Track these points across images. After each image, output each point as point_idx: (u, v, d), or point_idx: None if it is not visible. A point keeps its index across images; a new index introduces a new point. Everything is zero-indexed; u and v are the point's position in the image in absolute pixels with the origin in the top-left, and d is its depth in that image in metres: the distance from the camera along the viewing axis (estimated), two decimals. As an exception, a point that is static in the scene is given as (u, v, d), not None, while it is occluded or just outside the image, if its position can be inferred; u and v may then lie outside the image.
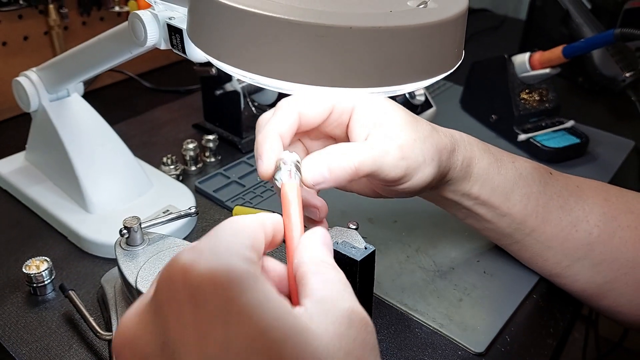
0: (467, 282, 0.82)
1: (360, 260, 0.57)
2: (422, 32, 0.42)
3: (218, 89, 1.13)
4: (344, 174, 0.56)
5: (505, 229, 0.75)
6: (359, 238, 0.61)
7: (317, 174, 0.55)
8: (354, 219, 0.90)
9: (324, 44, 0.40)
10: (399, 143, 0.60)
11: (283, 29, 0.41)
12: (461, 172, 0.69)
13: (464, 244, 0.89)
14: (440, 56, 0.45)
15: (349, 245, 0.59)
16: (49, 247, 0.87)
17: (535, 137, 1.14)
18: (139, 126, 1.22)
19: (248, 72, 0.43)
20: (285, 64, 0.42)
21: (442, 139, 0.65)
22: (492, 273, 0.83)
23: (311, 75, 0.42)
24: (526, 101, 1.17)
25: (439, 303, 0.78)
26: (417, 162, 0.61)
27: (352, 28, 0.40)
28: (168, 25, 0.65)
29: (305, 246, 0.42)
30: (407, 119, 0.62)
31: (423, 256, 0.86)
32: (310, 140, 0.66)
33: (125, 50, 0.73)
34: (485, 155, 0.71)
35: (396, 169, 0.60)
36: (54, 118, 0.90)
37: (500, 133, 1.21)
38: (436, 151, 0.63)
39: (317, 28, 0.40)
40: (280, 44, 0.41)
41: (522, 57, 1.15)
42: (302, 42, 0.41)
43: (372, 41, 0.41)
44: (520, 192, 0.73)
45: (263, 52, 0.42)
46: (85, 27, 1.33)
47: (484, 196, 0.71)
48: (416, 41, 0.42)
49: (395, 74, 0.43)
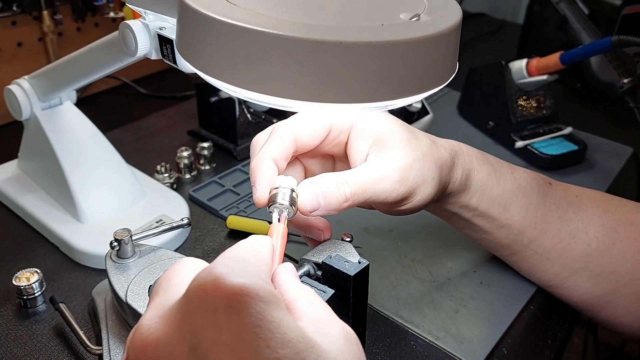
0: (464, 293, 0.81)
1: (353, 275, 0.57)
2: (415, 46, 0.41)
3: (213, 96, 1.13)
4: (339, 203, 0.57)
5: (503, 239, 0.74)
6: (353, 251, 0.61)
7: (314, 203, 0.56)
8: (349, 229, 0.90)
9: (314, 59, 0.40)
10: (398, 165, 0.60)
11: (271, 44, 0.40)
12: (460, 184, 0.68)
13: (461, 254, 0.88)
14: (433, 70, 0.44)
15: (342, 259, 0.59)
16: (40, 257, 0.86)
17: (533, 144, 1.13)
18: (134, 133, 1.22)
19: (237, 88, 0.42)
20: (274, 80, 0.41)
21: (442, 153, 0.65)
22: (489, 284, 0.83)
23: (301, 91, 0.41)
24: (523, 108, 1.16)
25: (435, 315, 0.77)
26: (416, 184, 0.61)
27: (342, 43, 0.39)
28: (159, 36, 0.64)
29: (283, 276, 0.44)
30: (405, 137, 0.62)
31: (419, 266, 0.85)
32: (309, 159, 0.65)
33: (116, 60, 0.73)
34: (484, 166, 0.71)
35: (394, 192, 0.59)
36: (46, 126, 0.89)
37: (497, 140, 1.20)
38: (436, 168, 0.63)
39: (306, 43, 0.39)
40: (269, 59, 0.40)
41: (520, 64, 1.15)
42: (291, 57, 0.40)
43: (363, 56, 0.40)
44: (519, 203, 0.72)
45: (251, 68, 0.41)
46: (79, 33, 1.32)
47: (483, 207, 0.71)
48: (409, 55, 0.41)
49: (388, 89, 0.42)
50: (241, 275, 0.35)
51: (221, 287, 0.34)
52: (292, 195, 0.55)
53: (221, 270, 0.35)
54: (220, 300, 0.34)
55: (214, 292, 0.34)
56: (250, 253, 0.40)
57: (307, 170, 0.67)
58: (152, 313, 0.36)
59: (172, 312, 0.36)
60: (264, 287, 0.36)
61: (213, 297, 0.34)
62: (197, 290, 0.35)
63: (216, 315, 0.33)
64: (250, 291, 0.34)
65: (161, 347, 0.34)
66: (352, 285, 0.57)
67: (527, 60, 1.14)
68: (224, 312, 0.33)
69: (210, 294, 0.34)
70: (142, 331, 0.36)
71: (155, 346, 0.35)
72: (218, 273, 0.35)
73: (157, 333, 0.35)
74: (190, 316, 0.34)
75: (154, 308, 0.37)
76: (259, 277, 0.36)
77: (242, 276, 0.35)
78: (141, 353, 0.35)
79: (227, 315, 0.33)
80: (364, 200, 0.58)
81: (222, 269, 0.35)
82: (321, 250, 0.61)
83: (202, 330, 0.33)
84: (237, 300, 0.34)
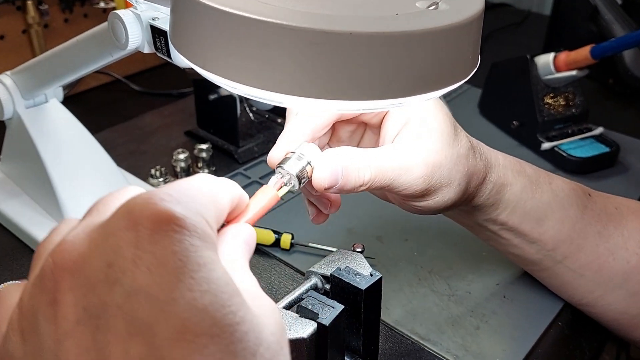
0: (486, 308, 0.80)
1: (365, 289, 0.56)
2: (432, 37, 0.41)
3: (212, 93, 1.12)
4: (356, 185, 0.57)
5: (533, 255, 0.74)
6: (365, 263, 0.60)
7: (332, 180, 0.55)
8: (360, 238, 0.90)
9: (321, 51, 0.39)
10: (427, 159, 0.59)
11: (273, 35, 0.39)
12: (488, 199, 0.67)
13: (482, 265, 0.87)
14: (453, 64, 0.43)
15: (352, 271, 0.58)
16: (24, 268, 0.85)
17: (561, 146, 1.13)
18: (126, 133, 1.22)
19: (236, 83, 0.42)
20: (276, 74, 0.40)
21: (477, 164, 0.64)
22: (512, 298, 0.82)
23: (306, 87, 0.40)
24: (551, 106, 1.16)
25: (454, 332, 0.76)
26: (440, 185, 0.60)
27: (352, 34, 0.38)
28: (151, 27, 0.64)
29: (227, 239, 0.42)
30: (445, 130, 0.61)
31: (437, 279, 0.85)
32: (342, 123, 0.64)
33: (105, 54, 0.72)
34: (520, 178, 0.70)
35: (413, 187, 0.59)
36: (30, 126, 0.89)
37: (522, 141, 1.19)
38: (465, 176, 0.62)
39: (312, 34, 0.39)
40: (271, 51, 0.40)
41: (546, 58, 1.14)
42: (296, 49, 0.39)
43: (375, 48, 0.39)
44: (555, 217, 0.71)
45: (252, 61, 0.41)
46: (67, 25, 1.32)
47: (513, 222, 0.70)
48: (426, 48, 0.41)
49: (402, 84, 0.41)
50: (182, 207, 0.34)
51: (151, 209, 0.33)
52: (305, 168, 0.55)
53: (161, 196, 0.34)
54: (148, 221, 0.33)
55: (142, 212, 0.33)
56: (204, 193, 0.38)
57: (334, 134, 0.66)
58: (79, 230, 0.35)
59: (98, 229, 0.35)
60: (204, 227, 0.34)
61: (141, 217, 0.33)
62: (126, 209, 0.34)
63: (141, 235, 0.32)
64: (187, 223, 0.33)
65: (80, 261, 0.34)
66: (363, 300, 0.57)
67: (555, 54, 1.14)
68: (150, 234, 0.32)
69: (138, 214, 0.33)
70: (65, 247, 0.35)
71: (75, 261, 0.34)
72: (154, 197, 0.34)
73: (80, 249, 0.34)
74: (114, 234, 0.33)
75: (82, 226, 0.36)
76: (201, 217, 0.35)
77: (183, 208, 0.34)
78: (60, 270, 0.34)
79: (154, 238, 0.32)
80: (380, 187, 0.58)
81: (161, 195, 0.34)
82: (330, 261, 0.61)
83: (122, 248, 0.33)
84: (169, 228, 0.32)
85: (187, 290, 0.31)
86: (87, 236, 0.35)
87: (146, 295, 0.31)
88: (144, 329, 0.31)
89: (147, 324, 0.31)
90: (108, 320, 0.32)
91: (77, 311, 0.33)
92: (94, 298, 0.32)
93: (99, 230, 0.34)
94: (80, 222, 0.37)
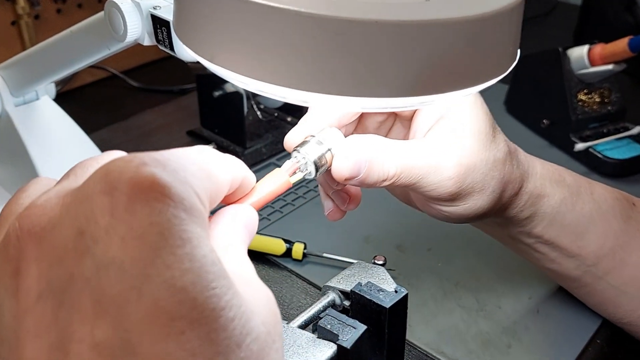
0: (518, 324, 0.80)
1: (389, 307, 0.56)
2: (468, 26, 0.39)
3: (217, 90, 1.12)
4: (378, 180, 0.55)
5: (572, 270, 0.73)
6: (388, 277, 0.60)
7: (354, 171, 0.54)
8: (379, 247, 0.90)
9: (343, 42, 0.37)
10: (460, 159, 0.57)
11: (290, 24, 0.37)
12: (523, 211, 0.66)
13: (513, 276, 0.86)
14: (491, 56, 0.42)
15: (375, 287, 0.58)
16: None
17: (596, 147, 1.12)
18: (124, 133, 1.22)
19: (248, 78, 0.40)
20: (293, 68, 0.39)
21: (513, 171, 0.63)
22: (547, 313, 0.81)
23: (326, 83, 0.39)
24: (585, 103, 1.15)
25: (484, 350, 0.76)
26: (471, 189, 0.59)
27: (378, 22, 0.37)
28: (152, 16, 0.63)
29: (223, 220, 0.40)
30: (483, 129, 0.59)
31: (463, 292, 0.84)
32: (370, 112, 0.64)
33: (102, 46, 0.72)
34: (559, 189, 0.68)
35: (441, 189, 0.58)
36: (20, 126, 0.89)
37: (553, 141, 1.19)
38: (500, 183, 0.61)
39: (333, 22, 0.37)
40: (286, 42, 0.38)
41: (580, 51, 1.13)
42: (315, 40, 0.37)
43: (404, 39, 0.38)
44: (597, 230, 0.70)
45: (265, 54, 0.39)
46: (60, 16, 1.32)
47: (550, 236, 0.69)
48: (461, 38, 0.39)
49: (434, 80, 0.40)
50: (168, 174, 0.32)
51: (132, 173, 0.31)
52: (325, 155, 0.53)
53: (145, 160, 0.32)
54: (127, 185, 0.31)
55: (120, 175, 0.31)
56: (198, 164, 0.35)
57: (361, 123, 0.65)
58: (51, 194, 0.34)
59: (72, 192, 0.33)
60: (193, 199, 0.32)
61: (119, 180, 0.31)
62: (104, 171, 0.32)
63: (117, 201, 0.30)
64: (172, 192, 0.31)
65: (49, 228, 0.32)
66: (388, 320, 0.56)
67: (589, 46, 1.13)
68: (128, 200, 0.30)
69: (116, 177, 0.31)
70: (34, 210, 0.33)
71: (44, 227, 0.32)
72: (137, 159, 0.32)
73: (50, 213, 0.32)
74: (89, 198, 0.31)
75: (55, 190, 0.34)
76: (191, 188, 0.33)
77: (169, 175, 0.31)
78: (27, 236, 0.32)
79: (132, 205, 0.30)
80: (405, 185, 0.57)
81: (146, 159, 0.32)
82: (348, 275, 0.60)
83: (96, 215, 0.31)
84: (150, 195, 0.30)
85: (165, 267, 0.29)
86: (59, 200, 0.33)
87: (118, 270, 0.29)
88: (112, 308, 0.29)
89: (116, 303, 0.29)
90: (73, 296, 0.30)
91: (40, 284, 0.31)
92: (60, 270, 0.31)
93: (72, 194, 0.32)
94: (55, 186, 0.35)
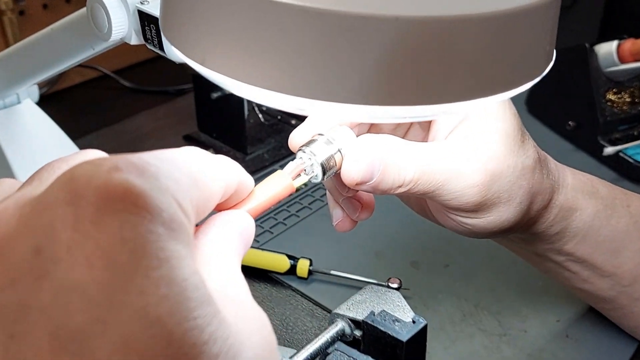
0: (545, 351, 0.79)
1: (406, 341, 0.54)
2: (499, 23, 0.37)
3: (215, 91, 1.11)
4: (393, 186, 0.53)
5: (606, 291, 0.71)
6: (404, 304, 0.59)
7: (367, 175, 0.52)
8: (391, 264, 0.89)
9: (355, 41, 0.35)
10: (486, 165, 0.55)
11: (293, 20, 0.35)
12: (552, 226, 0.64)
13: (539, 297, 0.85)
14: (525, 57, 0.40)
15: (390, 317, 0.56)
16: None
17: (626, 151, 1.11)
18: (115, 138, 1.22)
19: (244, 84, 0.38)
20: (296, 72, 0.36)
21: (544, 182, 0.61)
22: (577, 337, 0.80)
23: (333, 89, 0.36)
24: (614, 104, 1.14)
25: None
26: (497, 199, 0.57)
27: (398, 19, 0.34)
28: (140, 12, 0.62)
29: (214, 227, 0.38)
30: (511, 134, 0.57)
31: (485, 314, 0.83)
32: None
33: (85, 46, 0.71)
34: (592, 201, 0.67)
35: (464, 198, 0.56)
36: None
37: (579, 145, 1.18)
38: (528, 194, 0.59)
39: (345, 19, 0.34)
40: (289, 42, 0.36)
41: (608, 47, 1.12)
42: (323, 39, 0.35)
43: (427, 37, 0.35)
44: (634, 246, 0.69)
45: (263, 56, 0.37)
46: (47, 12, 1.32)
47: (582, 253, 0.67)
48: (492, 36, 0.37)
49: (458, 85, 0.37)
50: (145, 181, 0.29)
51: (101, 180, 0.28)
52: (334, 156, 0.51)
53: (118, 164, 0.29)
54: (94, 194, 0.28)
55: (88, 181, 0.28)
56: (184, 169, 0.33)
57: (375, 124, 0.63)
58: (9, 202, 0.31)
59: (32, 201, 0.30)
60: (174, 211, 0.30)
61: (86, 188, 0.28)
62: (69, 176, 0.29)
63: (82, 213, 0.28)
64: (148, 203, 0.28)
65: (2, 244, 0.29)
66: (405, 354, 0.54)
67: (618, 42, 1.12)
68: (95, 212, 0.28)
69: (82, 184, 0.28)
70: None
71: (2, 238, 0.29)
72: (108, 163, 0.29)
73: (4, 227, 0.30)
74: (49, 209, 0.29)
75: (15, 197, 0.31)
76: (171, 197, 0.30)
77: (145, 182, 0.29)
78: None
79: (100, 218, 0.28)
80: (423, 192, 0.55)
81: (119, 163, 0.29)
82: (359, 301, 0.58)
83: (57, 230, 0.28)
84: (121, 206, 0.28)
85: (138, 293, 0.27)
86: (16, 211, 0.30)
87: (81, 297, 0.27)
88: (73, 344, 0.26)
89: (77, 338, 0.26)
90: (26, 328, 0.27)
91: None
92: (12, 296, 0.28)
93: (32, 203, 0.30)
94: (15, 192, 0.32)
